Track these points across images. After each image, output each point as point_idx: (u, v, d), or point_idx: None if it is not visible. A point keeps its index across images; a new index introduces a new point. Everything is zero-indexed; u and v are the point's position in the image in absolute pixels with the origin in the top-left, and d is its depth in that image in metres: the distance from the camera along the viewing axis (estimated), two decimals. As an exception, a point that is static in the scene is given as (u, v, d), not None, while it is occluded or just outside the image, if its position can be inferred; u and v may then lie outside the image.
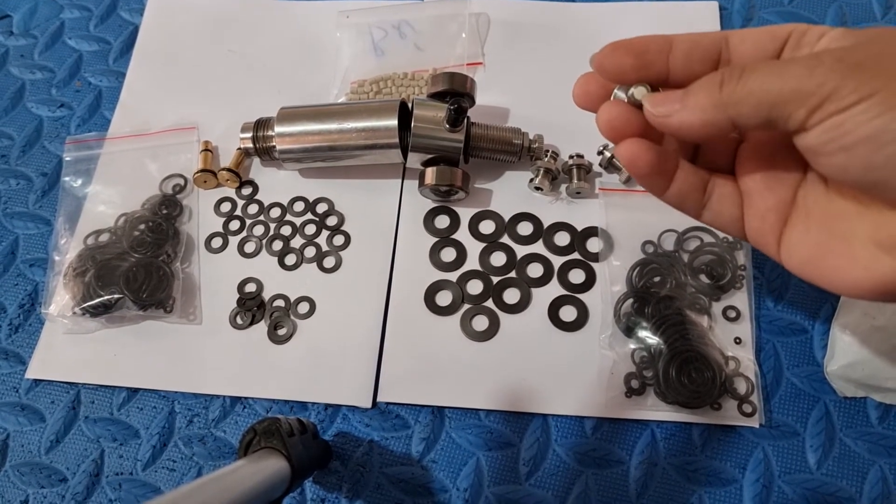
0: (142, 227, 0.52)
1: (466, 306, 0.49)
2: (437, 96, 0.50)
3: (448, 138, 0.49)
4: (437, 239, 0.52)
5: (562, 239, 0.51)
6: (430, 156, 0.50)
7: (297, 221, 0.53)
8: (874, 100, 0.24)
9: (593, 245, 0.50)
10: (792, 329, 0.47)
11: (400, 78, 0.57)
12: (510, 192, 0.53)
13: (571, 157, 0.51)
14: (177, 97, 0.60)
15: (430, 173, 0.49)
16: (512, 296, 0.49)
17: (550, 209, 0.52)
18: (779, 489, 0.43)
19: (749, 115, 0.28)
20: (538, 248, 0.51)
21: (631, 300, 0.47)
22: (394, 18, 0.60)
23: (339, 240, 0.52)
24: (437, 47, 0.59)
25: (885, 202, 0.27)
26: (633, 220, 0.50)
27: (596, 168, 0.52)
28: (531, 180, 0.51)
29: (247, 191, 0.55)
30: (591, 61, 0.32)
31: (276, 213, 0.54)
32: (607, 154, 0.51)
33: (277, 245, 0.53)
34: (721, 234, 0.49)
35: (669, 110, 0.30)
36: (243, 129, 0.53)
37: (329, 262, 0.52)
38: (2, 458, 0.48)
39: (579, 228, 0.51)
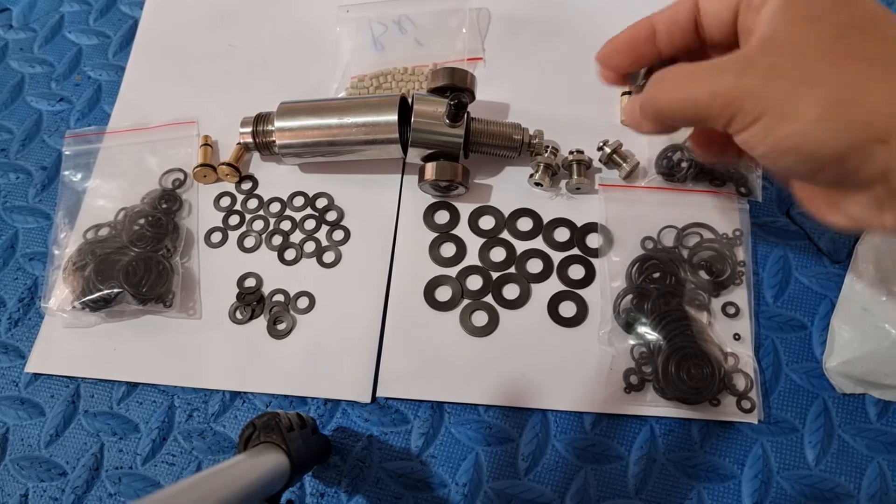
0: (141, 221, 0.52)
1: (466, 301, 0.49)
2: (437, 91, 0.50)
3: (448, 133, 0.49)
4: (436, 234, 0.52)
5: (561, 234, 0.51)
6: (430, 151, 0.50)
7: (297, 216, 0.53)
8: (763, 122, 0.28)
9: (593, 241, 0.50)
10: (791, 325, 0.47)
11: (400, 73, 0.57)
12: (510, 188, 0.52)
13: (571, 152, 0.51)
14: (177, 91, 0.60)
15: (430, 168, 0.49)
16: (511, 291, 0.49)
17: (550, 205, 0.52)
18: (777, 485, 0.43)
19: (680, 121, 0.33)
20: (538, 243, 0.51)
21: (630, 296, 0.47)
22: (394, 13, 0.60)
23: (338, 235, 0.52)
24: (437, 42, 0.59)
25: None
26: (632, 216, 0.50)
27: (596, 164, 0.52)
28: (531, 176, 0.51)
29: (246, 185, 0.55)
30: (597, 59, 0.37)
31: (275, 207, 0.54)
32: (607, 150, 0.51)
33: (277, 240, 0.53)
34: (721, 231, 0.49)
35: (630, 121, 0.36)
36: (243, 124, 0.53)
37: (329, 257, 0.52)
38: (1, 451, 0.48)
39: (579, 224, 0.51)
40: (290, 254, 0.52)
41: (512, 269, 0.50)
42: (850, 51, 0.27)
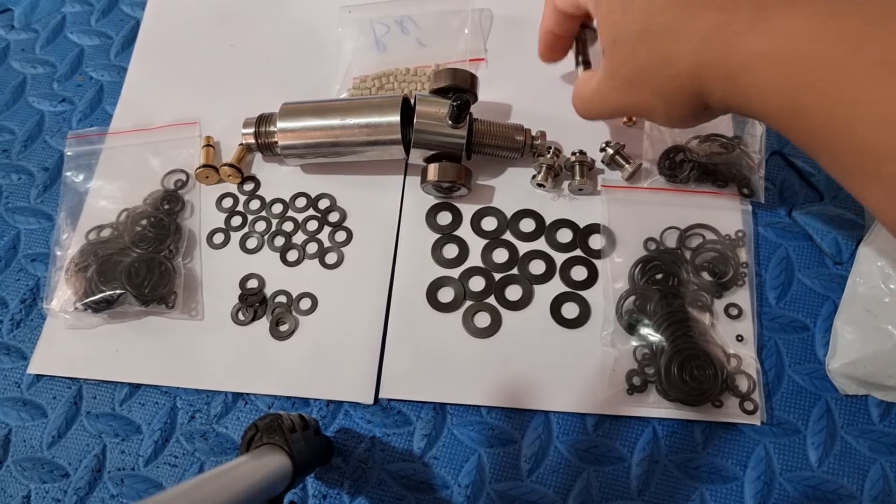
0: (143, 222, 0.52)
1: (468, 303, 0.49)
2: (439, 92, 0.50)
3: (450, 134, 0.48)
4: (439, 235, 0.52)
5: (564, 236, 0.51)
6: (432, 152, 0.50)
7: (299, 217, 0.53)
8: (645, 118, 0.43)
9: (595, 242, 0.50)
10: (794, 327, 0.47)
11: (402, 74, 0.57)
12: (512, 189, 0.52)
13: (574, 153, 0.51)
14: (179, 92, 0.60)
15: (433, 170, 0.49)
16: (514, 292, 0.49)
17: (553, 206, 0.52)
18: (780, 486, 0.43)
19: (600, 118, 0.47)
20: (540, 244, 0.50)
21: (633, 297, 0.47)
22: (396, 14, 0.60)
23: (341, 236, 0.52)
24: (439, 43, 0.59)
25: None
26: (635, 217, 0.50)
27: (598, 165, 0.52)
28: (533, 177, 0.51)
29: (249, 186, 0.55)
30: (542, 61, 0.50)
31: (277, 208, 0.54)
32: (610, 151, 0.50)
33: (279, 241, 0.53)
34: (723, 232, 0.49)
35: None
36: (245, 125, 0.53)
37: (331, 258, 0.52)
38: (4, 453, 0.48)
39: (581, 225, 0.51)
40: (292, 255, 0.52)
41: (514, 271, 0.50)
42: (645, 66, 0.35)
